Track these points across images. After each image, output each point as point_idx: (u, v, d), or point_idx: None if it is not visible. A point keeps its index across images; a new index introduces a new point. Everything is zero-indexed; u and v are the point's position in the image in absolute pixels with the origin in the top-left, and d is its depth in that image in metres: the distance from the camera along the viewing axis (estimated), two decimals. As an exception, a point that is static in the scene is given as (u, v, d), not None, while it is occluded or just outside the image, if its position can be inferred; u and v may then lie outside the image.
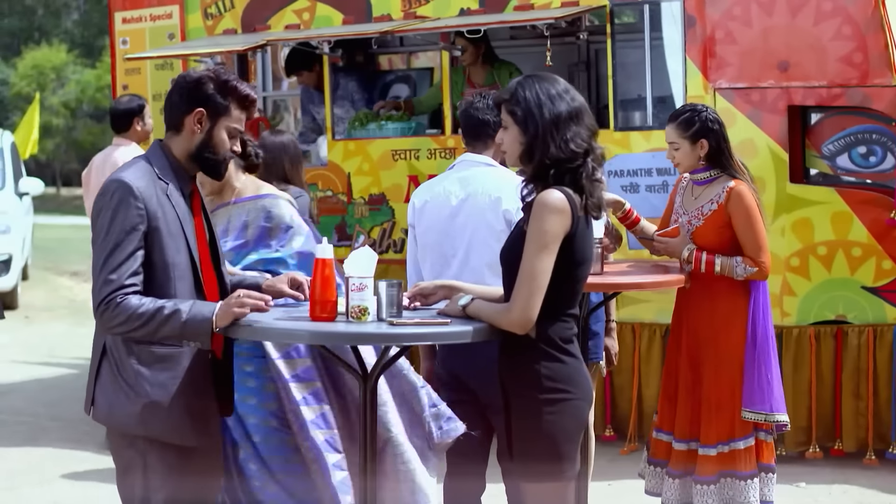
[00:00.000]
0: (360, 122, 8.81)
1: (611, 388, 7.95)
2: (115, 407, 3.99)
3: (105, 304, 3.87)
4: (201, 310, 3.89)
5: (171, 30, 9.54)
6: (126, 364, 3.97)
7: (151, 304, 3.88)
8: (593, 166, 4.02)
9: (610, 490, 6.98)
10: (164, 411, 3.96)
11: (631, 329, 7.85)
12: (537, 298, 3.92)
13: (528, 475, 4.03)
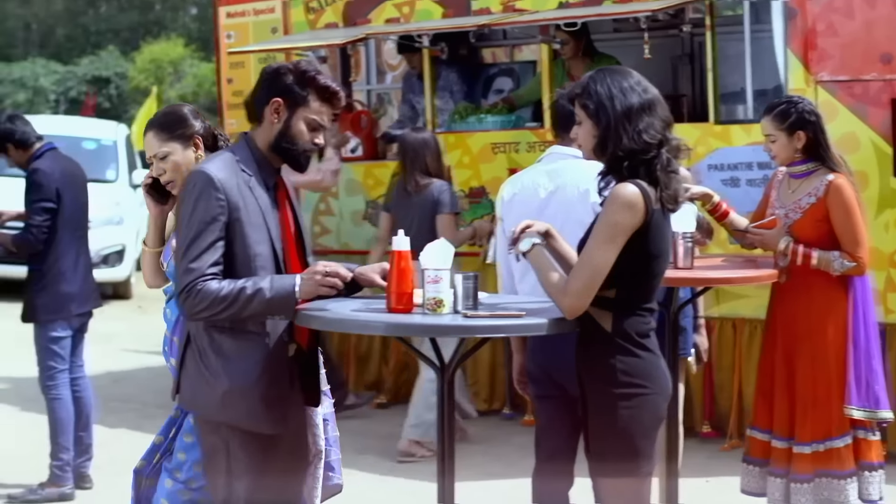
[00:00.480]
0: (460, 115, 8.82)
1: (710, 384, 7.86)
2: (197, 394, 4.06)
3: (187, 291, 3.93)
4: (283, 284, 3.95)
5: (274, 24, 9.63)
6: (207, 352, 4.03)
7: (230, 285, 3.94)
8: (668, 157, 3.99)
9: (707, 487, 6.90)
10: (242, 398, 4.00)
11: (731, 325, 7.74)
12: (592, 288, 3.91)
13: (603, 470, 4.01)
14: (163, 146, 4.46)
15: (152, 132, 4.51)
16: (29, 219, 6.57)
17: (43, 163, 6.68)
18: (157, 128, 4.51)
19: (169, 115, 4.59)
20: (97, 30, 40.31)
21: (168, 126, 4.50)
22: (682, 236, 5.39)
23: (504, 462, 7.33)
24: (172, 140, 4.47)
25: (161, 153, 4.47)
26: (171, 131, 4.48)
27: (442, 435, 4.06)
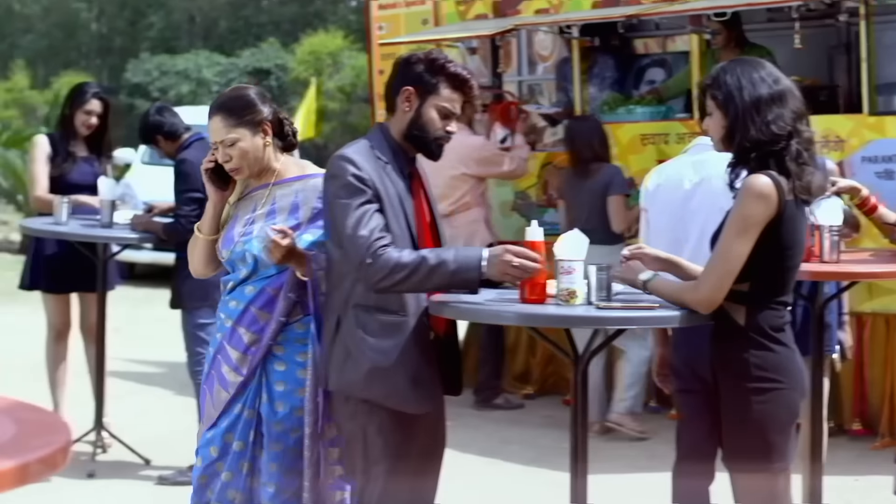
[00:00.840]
0: (609, 106, 8.78)
1: (862, 381, 7.70)
2: (342, 373, 4.09)
3: (368, 259, 3.94)
4: (468, 257, 3.96)
5: (425, 15, 9.70)
6: (353, 333, 4.07)
7: (411, 254, 3.97)
8: (798, 149, 3.93)
9: (856, 486, 6.77)
10: (387, 376, 4.04)
11: (885, 320, 7.57)
12: (726, 281, 3.87)
13: (737, 465, 3.97)
14: (231, 132, 4.28)
15: (219, 116, 4.31)
16: (178, 209, 6.70)
17: (190, 153, 6.78)
18: (225, 112, 4.31)
19: (237, 99, 4.36)
20: (258, 22, 41.00)
21: (237, 111, 4.31)
22: (829, 230, 5.29)
23: (650, 455, 7.29)
24: (241, 126, 4.29)
25: (229, 139, 4.29)
26: (239, 116, 4.30)
27: (575, 428, 4.06)
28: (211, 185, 4.39)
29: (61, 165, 7.36)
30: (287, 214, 4.31)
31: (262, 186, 4.41)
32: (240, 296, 4.34)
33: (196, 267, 4.57)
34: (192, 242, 4.52)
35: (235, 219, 4.39)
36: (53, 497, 6.42)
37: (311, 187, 4.33)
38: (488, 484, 6.87)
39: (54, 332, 7.46)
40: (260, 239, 4.25)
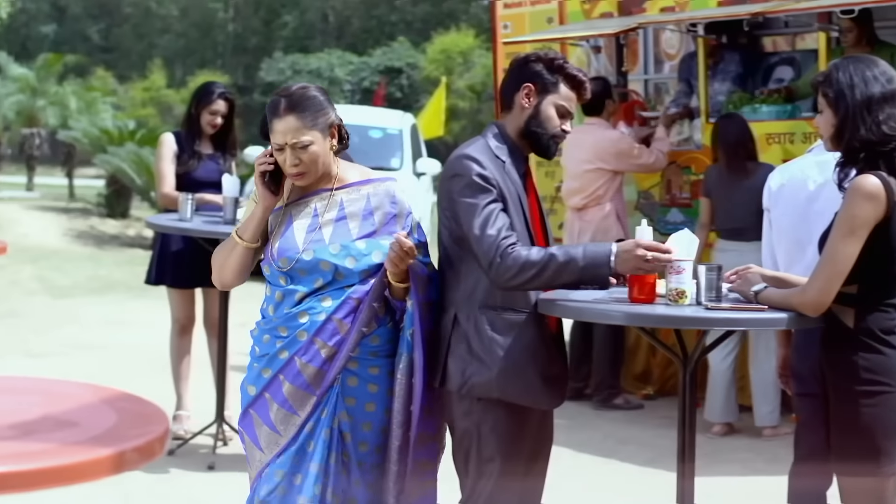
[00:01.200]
0: (734, 104, 8.68)
1: None
2: (467, 373, 4.09)
3: (497, 258, 3.96)
4: (596, 253, 3.94)
5: (550, 14, 9.68)
6: (481, 332, 4.07)
7: (539, 252, 3.97)
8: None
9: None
10: (521, 375, 4.06)
11: None
12: (835, 283, 3.82)
13: (845, 468, 3.90)
14: (305, 134, 4.05)
15: (293, 116, 4.05)
16: None
17: None
18: (300, 112, 4.07)
19: (311, 99, 4.11)
20: (391, 21, 41.32)
21: (311, 112, 4.08)
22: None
23: (769, 458, 7.21)
24: (315, 128, 4.07)
25: (302, 142, 4.05)
26: (314, 118, 4.07)
27: (683, 431, 4.03)
28: (265, 189, 4.14)
29: (187, 163, 7.51)
30: (360, 220, 4.13)
31: (321, 191, 4.18)
32: (315, 307, 4.07)
33: (227, 277, 4.26)
34: (225, 250, 4.24)
35: (288, 226, 4.15)
36: (173, 488, 6.55)
37: (384, 192, 4.19)
38: (604, 484, 6.84)
39: (178, 327, 7.60)
40: (362, 246, 4.07)
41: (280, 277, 4.11)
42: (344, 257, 4.03)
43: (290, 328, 4.08)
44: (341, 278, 4.05)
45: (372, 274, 4.07)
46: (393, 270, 4.01)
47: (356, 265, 4.05)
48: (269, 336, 4.13)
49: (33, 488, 2.06)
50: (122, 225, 20.23)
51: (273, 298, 4.16)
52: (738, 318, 3.84)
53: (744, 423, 7.98)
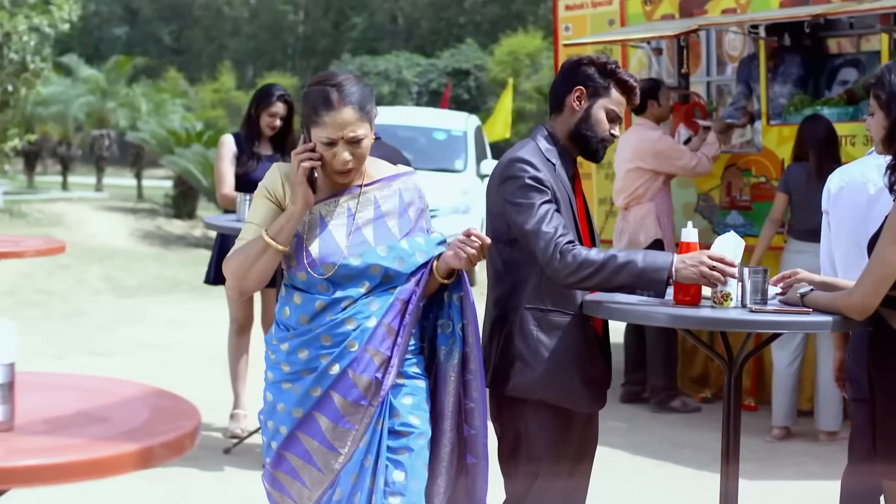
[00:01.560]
0: (795, 107, 8.62)
1: None
2: (515, 375, 4.12)
3: (554, 254, 3.97)
4: (656, 259, 3.95)
5: (611, 16, 9.66)
6: (527, 333, 4.10)
7: (598, 252, 3.99)
8: None
9: None
10: (563, 377, 4.08)
11: None
12: (883, 287, 3.79)
13: (890, 472, 3.87)
14: (362, 127, 3.74)
15: (352, 108, 3.73)
16: None
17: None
18: (360, 104, 3.75)
19: (364, 89, 3.79)
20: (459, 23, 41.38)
21: (366, 104, 3.77)
22: None
23: (825, 462, 7.15)
24: (367, 121, 3.77)
25: (359, 135, 3.74)
26: (367, 110, 3.78)
27: (727, 433, 4.01)
28: (307, 188, 3.73)
29: (246, 164, 7.58)
30: (398, 217, 3.89)
31: (351, 189, 3.89)
32: (363, 312, 3.80)
33: (251, 283, 3.85)
34: (251, 254, 3.79)
35: (323, 228, 3.84)
36: (229, 486, 6.61)
37: (413, 186, 3.97)
38: (658, 486, 6.83)
39: (236, 326, 7.67)
40: (406, 246, 3.86)
41: (319, 285, 3.81)
42: (393, 259, 3.82)
43: (335, 337, 3.79)
44: (388, 281, 3.83)
45: (414, 274, 3.87)
46: (467, 267, 3.83)
47: (404, 266, 3.84)
48: (308, 350, 3.82)
49: (61, 481, 2.10)
50: (189, 225, 20.44)
51: (308, 308, 3.83)
52: (781, 320, 3.82)
53: (802, 428, 7.93)
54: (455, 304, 3.93)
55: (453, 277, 3.90)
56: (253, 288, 3.85)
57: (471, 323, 3.92)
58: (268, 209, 3.83)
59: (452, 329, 3.94)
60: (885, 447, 3.92)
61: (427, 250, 3.91)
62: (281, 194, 3.82)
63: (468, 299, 3.91)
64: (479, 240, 3.79)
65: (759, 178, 8.56)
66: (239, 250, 3.80)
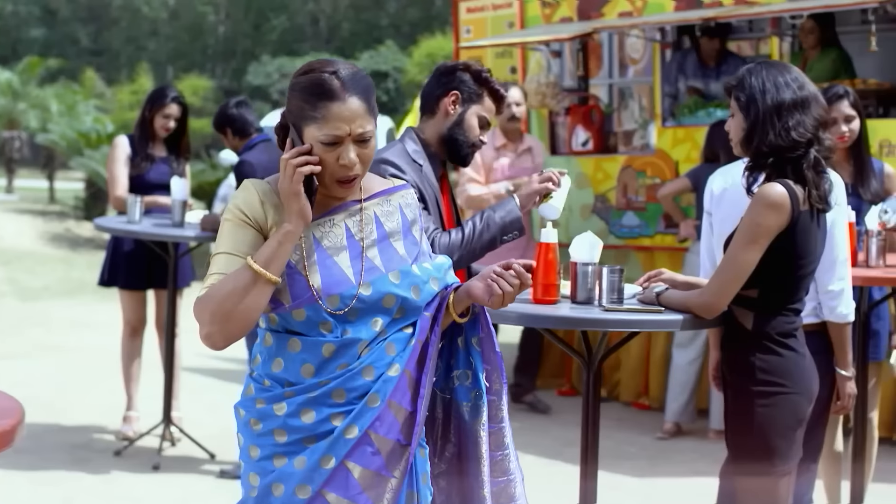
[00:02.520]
0: (689, 108, 8.72)
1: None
2: None
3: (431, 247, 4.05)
4: (503, 205, 4.37)
5: (510, 18, 9.72)
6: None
7: (455, 230, 4.29)
8: (817, 157, 3.89)
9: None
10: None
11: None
12: (732, 287, 3.86)
13: (739, 468, 3.95)
14: (370, 123, 3.03)
15: (359, 99, 3.01)
16: None
17: (252, 154, 6.96)
18: (366, 95, 3.04)
19: (367, 79, 3.09)
20: (380, 24, 41.35)
21: (371, 95, 3.07)
22: (875, 234, 5.23)
23: (712, 460, 7.21)
24: (373, 117, 3.06)
25: (368, 133, 3.03)
26: (372, 104, 3.07)
27: (585, 432, 4.06)
28: (307, 201, 3.01)
29: (139, 165, 7.55)
30: (403, 238, 3.21)
31: (348, 204, 3.16)
32: (381, 357, 3.08)
33: (239, 326, 2.97)
34: (236, 290, 2.95)
35: (321, 253, 3.10)
36: (116, 488, 6.58)
37: (413, 202, 3.30)
38: (547, 486, 6.88)
39: (129, 328, 7.64)
40: (418, 272, 3.16)
41: (322, 324, 3.06)
42: (408, 287, 3.11)
43: (350, 392, 3.06)
44: (401, 316, 3.12)
45: (428, 307, 3.17)
46: (497, 307, 3.13)
47: (420, 296, 3.14)
48: (315, 410, 3.05)
49: None
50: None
51: (312, 355, 3.07)
52: (633, 319, 3.86)
53: (696, 426, 8.02)
54: (474, 348, 3.24)
55: (469, 315, 3.22)
56: (239, 332, 2.98)
57: (496, 369, 3.24)
58: (246, 235, 3.04)
59: (474, 379, 3.23)
60: (736, 445, 3.99)
61: (439, 277, 3.22)
62: (261, 216, 3.05)
63: (490, 341, 3.24)
64: (520, 278, 3.08)
65: (653, 179, 8.65)
66: (217, 287, 2.97)
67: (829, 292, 4.48)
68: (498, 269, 3.09)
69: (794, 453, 3.94)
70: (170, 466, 6.98)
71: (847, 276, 4.54)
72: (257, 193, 3.07)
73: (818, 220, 3.95)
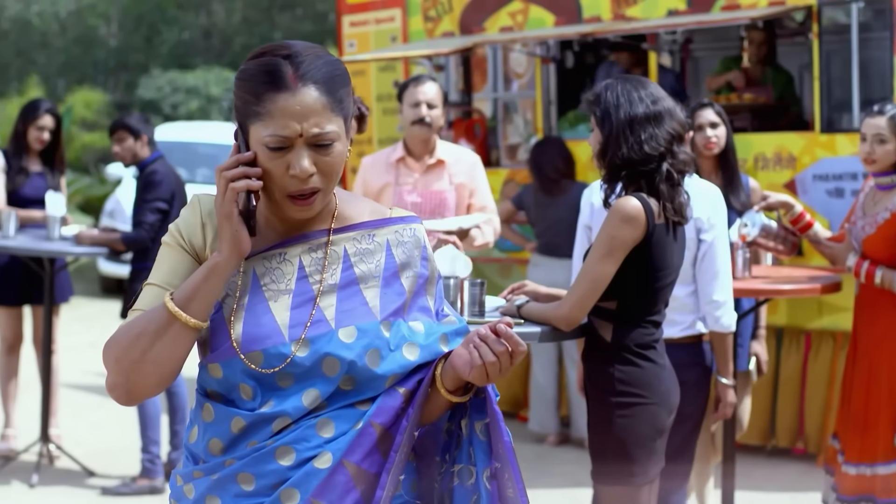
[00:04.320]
0: (570, 123, 8.82)
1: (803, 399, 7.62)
2: None
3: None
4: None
5: (393, 32, 9.76)
6: None
7: None
8: (670, 171, 3.96)
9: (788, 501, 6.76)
10: None
11: (832, 337, 7.56)
12: (589, 300, 3.93)
13: (601, 477, 4.01)
14: (331, 122, 2.38)
15: (316, 88, 2.36)
16: (140, 218, 6.82)
17: (161, 165, 6.93)
18: (325, 84, 2.38)
19: (334, 66, 2.41)
20: (272, 38, 41.21)
21: (340, 87, 2.41)
22: (740, 246, 5.34)
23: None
24: (339, 114, 2.40)
25: (328, 134, 2.37)
26: (341, 99, 2.41)
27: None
28: (242, 226, 2.37)
29: (14, 179, 7.46)
30: (380, 286, 2.47)
31: (311, 235, 2.49)
32: (307, 439, 2.38)
33: (147, 375, 2.37)
34: (147, 330, 2.36)
35: (256, 295, 2.44)
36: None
37: (412, 240, 2.55)
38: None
39: (5, 345, 7.54)
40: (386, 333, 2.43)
41: (241, 386, 2.40)
42: (362, 350, 2.40)
43: (259, 478, 2.38)
44: (351, 388, 2.40)
45: (399, 382, 2.43)
46: (483, 382, 2.41)
47: (381, 366, 2.41)
48: (218, 497, 2.41)
49: None
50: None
51: (220, 427, 2.42)
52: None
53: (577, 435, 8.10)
54: (478, 437, 2.46)
55: (469, 393, 2.46)
56: (149, 388, 2.39)
57: (507, 466, 2.44)
58: (182, 263, 2.44)
59: (476, 480, 2.46)
60: (597, 455, 4.05)
61: (426, 344, 2.46)
62: (199, 241, 2.45)
63: (498, 429, 2.45)
64: (508, 342, 2.37)
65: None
66: (126, 328, 2.38)
67: (712, 302, 4.56)
68: (482, 331, 2.37)
69: (653, 463, 4.01)
70: (48, 484, 6.91)
71: (729, 287, 4.63)
72: (199, 212, 2.46)
73: (674, 233, 4.02)
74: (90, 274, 15.42)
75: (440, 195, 5.95)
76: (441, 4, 9.34)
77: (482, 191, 6.10)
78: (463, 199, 6.02)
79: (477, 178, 6.07)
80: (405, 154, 6.01)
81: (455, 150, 6.21)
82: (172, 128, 17.89)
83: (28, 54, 44.59)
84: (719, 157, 5.73)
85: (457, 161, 6.07)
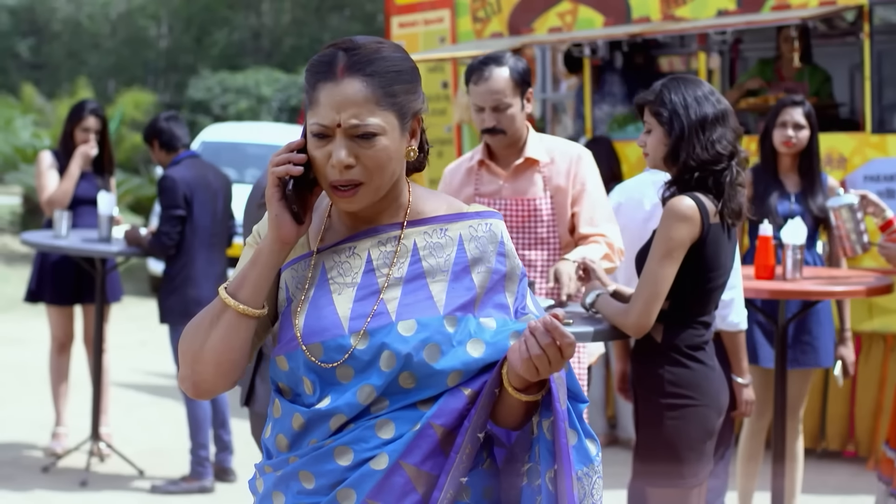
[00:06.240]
0: (618, 123, 8.80)
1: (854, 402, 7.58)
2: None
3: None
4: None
5: (442, 34, 9.77)
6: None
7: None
8: (738, 170, 3.95)
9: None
10: None
11: (882, 340, 7.50)
12: (655, 305, 3.90)
13: (650, 479, 3.99)
14: (375, 113, 2.35)
15: (361, 80, 2.35)
16: (160, 225, 6.85)
17: (175, 170, 6.93)
18: (373, 76, 2.37)
19: (396, 62, 2.42)
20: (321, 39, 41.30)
21: (393, 81, 2.39)
22: (791, 248, 5.31)
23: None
24: (391, 110, 2.38)
25: (369, 126, 2.35)
26: (393, 92, 2.39)
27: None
28: (283, 211, 2.38)
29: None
30: (448, 280, 2.42)
31: (381, 228, 2.47)
32: (366, 439, 2.35)
33: (208, 367, 2.40)
34: (203, 323, 2.41)
35: (321, 288, 2.43)
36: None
37: (487, 235, 2.48)
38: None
39: (57, 344, 7.58)
40: (451, 329, 2.37)
41: (304, 380, 2.41)
42: (420, 345, 2.34)
43: (318, 477, 2.38)
44: (410, 386, 2.36)
45: (465, 381, 2.37)
46: (535, 378, 2.29)
47: (440, 361, 2.35)
48: (283, 493, 2.43)
49: None
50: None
51: (284, 423, 2.44)
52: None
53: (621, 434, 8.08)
54: (544, 436, 2.36)
55: (543, 390, 2.36)
56: (216, 380, 2.41)
57: (563, 466, 2.31)
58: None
59: (541, 480, 2.36)
60: (646, 458, 4.03)
61: (494, 341, 2.38)
62: None
63: (560, 429, 2.32)
64: (554, 334, 2.24)
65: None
66: (193, 319, 2.45)
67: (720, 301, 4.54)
68: (533, 324, 2.25)
69: (703, 466, 3.99)
70: (98, 483, 6.94)
71: (738, 286, 4.61)
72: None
73: (729, 234, 4.00)
74: (140, 273, 15.51)
75: (530, 203, 4.73)
76: (490, 5, 9.34)
77: (590, 196, 4.74)
78: (563, 208, 4.75)
79: (581, 178, 4.73)
80: (486, 157, 4.78)
81: (552, 145, 4.80)
82: (222, 128, 17.96)
83: (79, 55, 44.95)
84: (800, 157, 5.74)
85: (553, 159, 4.74)
